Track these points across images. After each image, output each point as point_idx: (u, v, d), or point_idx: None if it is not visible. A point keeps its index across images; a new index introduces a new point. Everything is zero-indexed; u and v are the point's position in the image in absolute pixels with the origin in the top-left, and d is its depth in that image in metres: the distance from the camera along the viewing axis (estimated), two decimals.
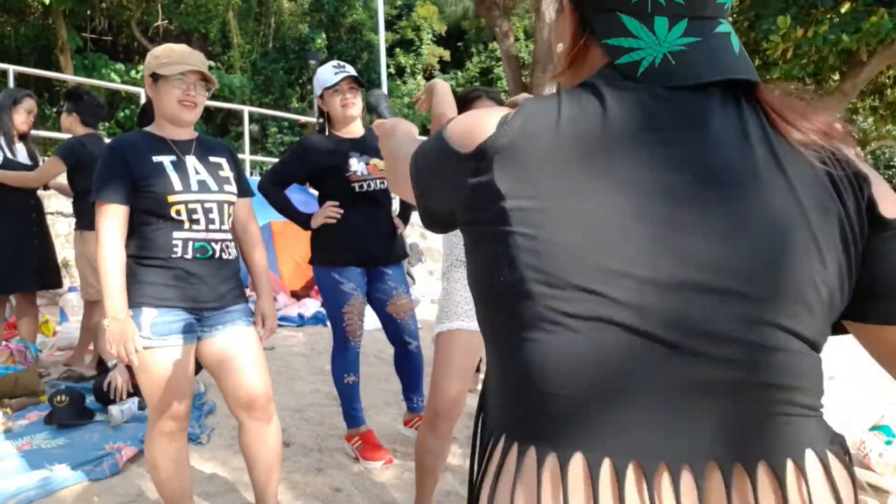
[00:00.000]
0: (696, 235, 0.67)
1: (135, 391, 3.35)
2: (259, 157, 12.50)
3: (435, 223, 0.85)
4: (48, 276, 4.15)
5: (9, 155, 3.91)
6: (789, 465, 0.68)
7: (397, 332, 3.04)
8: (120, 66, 15.11)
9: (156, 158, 2.00)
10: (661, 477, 0.66)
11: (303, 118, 12.64)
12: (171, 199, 1.97)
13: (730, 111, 0.72)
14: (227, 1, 16.73)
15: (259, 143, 17.11)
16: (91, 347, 4.22)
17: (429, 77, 22.86)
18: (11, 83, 6.87)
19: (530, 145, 0.69)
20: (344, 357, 2.94)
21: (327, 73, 2.87)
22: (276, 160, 6.01)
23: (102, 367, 3.80)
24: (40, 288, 4.16)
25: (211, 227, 2.04)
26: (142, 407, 3.31)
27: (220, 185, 2.07)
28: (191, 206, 1.99)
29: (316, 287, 3.67)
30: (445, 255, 2.27)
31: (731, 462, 0.67)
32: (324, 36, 18.97)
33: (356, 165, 2.86)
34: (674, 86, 0.71)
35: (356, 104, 2.90)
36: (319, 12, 19.63)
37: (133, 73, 14.68)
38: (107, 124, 14.00)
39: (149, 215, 1.98)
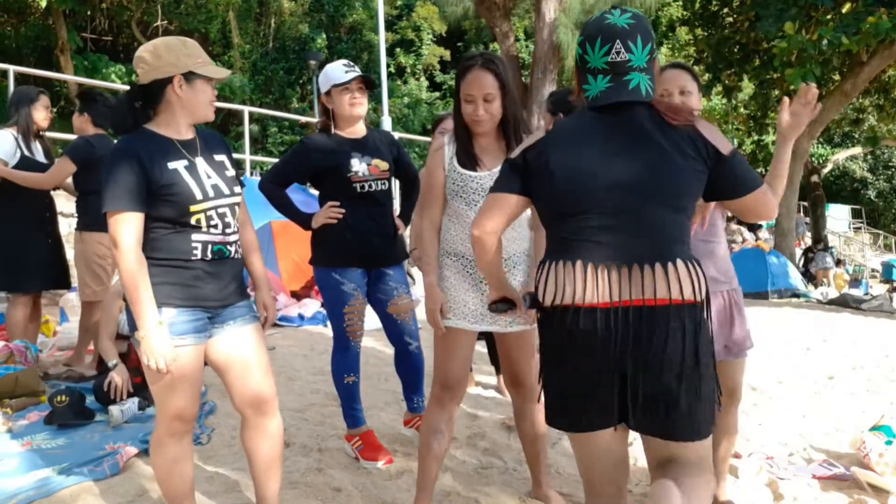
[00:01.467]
0: (621, 167, 1.61)
1: (135, 391, 3.35)
2: (259, 157, 12.50)
3: None
4: (59, 276, 4.17)
5: (26, 153, 3.92)
6: (658, 265, 1.59)
7: (398, 332, 3.04)
8: (120, 66, 15.12)
9: (171, 165, 1.97)
10: (612, 271, 1.60)
11: (303, 118, 12.65)
12: (192, 208, 1.96)
13: (635, 115, 1.63)
14: (227, 1, 16.75)
15: (259, 143, 17.11)
16: (91, 347, 4.23)
17: (429, 77, 22.86)
18: (11, 83, 6.85)
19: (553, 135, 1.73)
20: (344, 357, 2.94)
21: (337, 71, 2.87)
22: (276, 160, 6.01)
23: (102, 367, 3.80)
24: (51, 287, 4.17)
25: (227, 230, 2.05)
26: (142, 407, 3.31)
27: (231, 187, 2.09)
28: (209, 213, 2.00)
29: (316, 287, 3.66)
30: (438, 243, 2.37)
31: (642, 264, 1.59)
32: (324, 36, 18.98)
33: (358, 166, 2.86)
34: (598, 106, 1.65)
35: (363, 104, 2.90)
36: (319, 12, 19.64)
37: (133, 74, 14.70)
38: None
39: (167, 222, 1.97)
